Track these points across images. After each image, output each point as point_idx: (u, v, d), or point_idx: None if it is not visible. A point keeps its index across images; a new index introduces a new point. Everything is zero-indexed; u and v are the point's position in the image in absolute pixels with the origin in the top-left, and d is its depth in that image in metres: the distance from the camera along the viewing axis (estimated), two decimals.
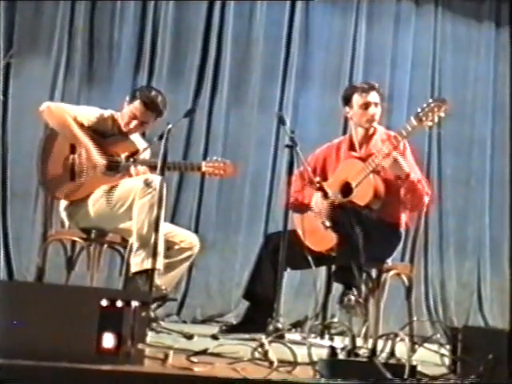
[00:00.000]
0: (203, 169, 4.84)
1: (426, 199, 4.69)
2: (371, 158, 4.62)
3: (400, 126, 4.65)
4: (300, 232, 4.64)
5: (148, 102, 4.78)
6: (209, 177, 4.97)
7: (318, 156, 4.98)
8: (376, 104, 4.77)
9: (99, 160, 4.74)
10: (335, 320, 4.91)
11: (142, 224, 4.55)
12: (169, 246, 4.69)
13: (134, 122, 4.80)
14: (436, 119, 4.48)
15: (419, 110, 4.49)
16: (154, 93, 4.86)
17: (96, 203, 4.74)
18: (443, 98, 4.61)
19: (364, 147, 4.82)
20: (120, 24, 6.70)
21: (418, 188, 4.62)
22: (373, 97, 4.77)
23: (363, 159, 4.69)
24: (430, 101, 4.52)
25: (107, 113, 4.89)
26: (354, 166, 4.70)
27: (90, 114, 4.84)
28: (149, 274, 4.35)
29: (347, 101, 4.84)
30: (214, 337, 4.44)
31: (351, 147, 4.86)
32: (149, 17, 6.75)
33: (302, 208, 4.77)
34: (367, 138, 4.82)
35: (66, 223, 4.85)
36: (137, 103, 4.78)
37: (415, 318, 5.21)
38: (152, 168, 4.68)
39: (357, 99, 4.78)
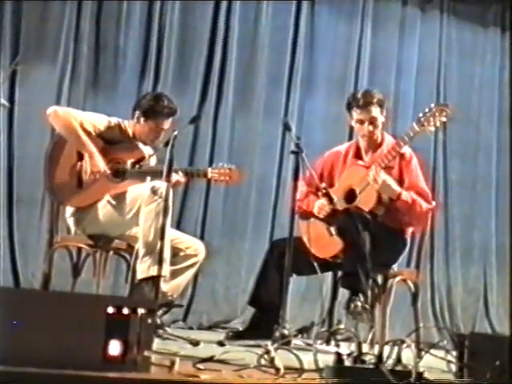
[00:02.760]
0: (209, 175, 4.84)
1: (426, 214, 4.66)
2: (374, 163, 4.62)
3: (405, 131, 4.65)
4: (305, 239, 4.63)
5: (172, 112, 4.80)
6: (214, 183, 4.97)
7: (326, 160, 4.98)
8: (372, 120, 4.72)
9: (102, 167, 4.74)
10: (341, 326, 4.90)
11: (149, 231, 4.55)
12: (175, 252, 4.69)
13: (162, 134, 4.81)
14: (438, 124, 4.48)
15: (421, 114, 4.49)
16: (168, 100, 4.86)
17: (103, 209, 4.74)
18: (445, 103, 4.61)
19: (370, 154, 4.81)
20: (126, 30, 6.70)
21: (414, 207, 4.61)
22: (369, 113, 4.71)
23: (367, 166, 4.69)
24: (432, 105, 4.52)
25: (114, 120, 4.89)
26: (358, 172, 4.70)
27: (96, 120, 4.84)
28: (155, 280, 4.35)
29: (348, 110, 4.83)
30: (220, 343, 4.43)
31: (357, 154, 4.86)
32: (154, 23, 6.75)
33: (307, 215, 4.77)
34: (374, 146, 4.81)
35: (73, 229, 4.85)
36: (161, 118, 4.79)
37: (421, 324, 5.20)
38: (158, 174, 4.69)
39: (353, 113, 4.77)
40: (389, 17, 7.25)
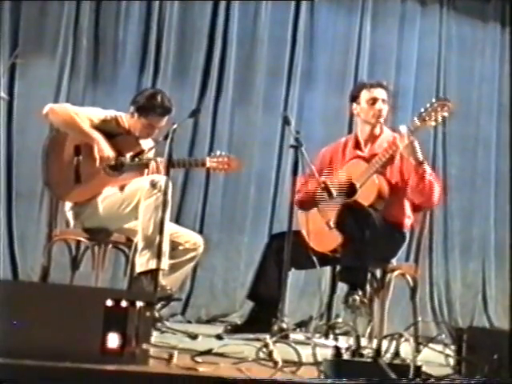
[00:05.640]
0: (207, 164, 4.85)
1: (437, 194, 4.63)
2: (375, 158, 4.63)
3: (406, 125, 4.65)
4: (304, 233, 4.64)
5: (165, 111, 4.78)
6: (213, 172, 4.99)
7: (324, 154, 4.98)
8: (383, 100, 4.77)
9: (110, 152, 4.73)
10: (340, 320, 4.90)
11: (148, 224, 4.55)
12: (173, 246, 4.69)
13: (155, 131, 4.81)
14: (439, 119, 4.49)
15: (422, 110, 4.49)
16: (164, 99, 4.82)
17: (102, 203, 4.74)
18: (446, 98, 4.61)
19: (369, 146, 4.82)
20: (125, 24, 6.69)
21: (430, 179, 4.58)
22: (380, 93, 4.78)
23: (367, 159, 4.70)
24: (433, 100, 4.52)
25: (111, 113, 4.89)
26: (358, 166, 4.70)
27: (92, 114, 4.83)
28: (154, 274, 4.36)
29: (355, 97, 4.83)
30: (219, 337, 4.44)
31: (357, 146, 4.86)
32: (154, 17, 6.74)
33: (308, 204, 4.76)
34: (373, 137, 4.83)
35: (72, 223, 4.85)
36: (154, 116, 4.78)
37: (420, 319, 5.20)
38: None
39: (364, 95, 4.78)
40: (388, 11, 7.24)
